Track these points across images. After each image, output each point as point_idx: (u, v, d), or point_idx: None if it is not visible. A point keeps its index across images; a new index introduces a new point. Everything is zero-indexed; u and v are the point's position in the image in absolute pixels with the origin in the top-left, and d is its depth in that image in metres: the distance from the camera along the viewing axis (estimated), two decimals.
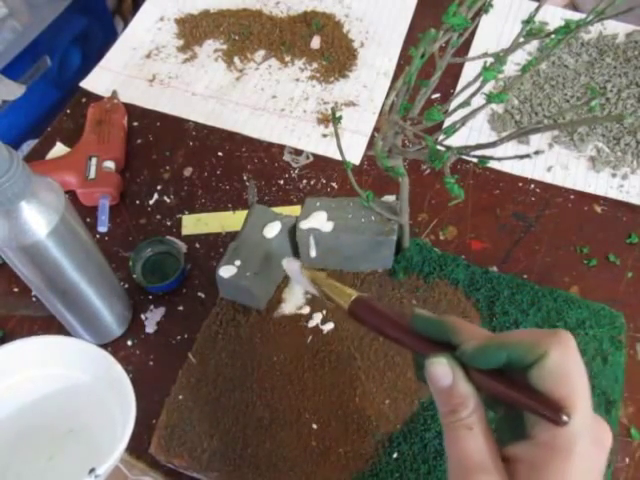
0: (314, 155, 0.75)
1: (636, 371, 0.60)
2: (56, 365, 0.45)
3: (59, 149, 0.74)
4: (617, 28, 0.85)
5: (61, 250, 0.48)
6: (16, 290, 0.65)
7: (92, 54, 0.90)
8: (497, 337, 0.35)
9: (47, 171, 0.69)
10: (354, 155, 0.74)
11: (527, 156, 0.33)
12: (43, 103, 0.90)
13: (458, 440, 0.33)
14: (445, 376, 0.34)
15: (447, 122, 0.46)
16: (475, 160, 0.40)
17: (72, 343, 0.44)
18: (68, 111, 0.79)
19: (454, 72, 0.80)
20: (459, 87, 0.79)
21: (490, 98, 0.38)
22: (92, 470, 0.39)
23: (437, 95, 0.79)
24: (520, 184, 0.72)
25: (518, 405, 0.33)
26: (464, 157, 0.40)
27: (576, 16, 0.87)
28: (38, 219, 0.45)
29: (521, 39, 0.40)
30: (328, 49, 0.84)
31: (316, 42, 0.84)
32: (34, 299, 0.64)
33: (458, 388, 0.34)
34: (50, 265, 0.49)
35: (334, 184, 0.72)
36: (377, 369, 0.57)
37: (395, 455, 0.53)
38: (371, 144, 0.76)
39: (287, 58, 0.84)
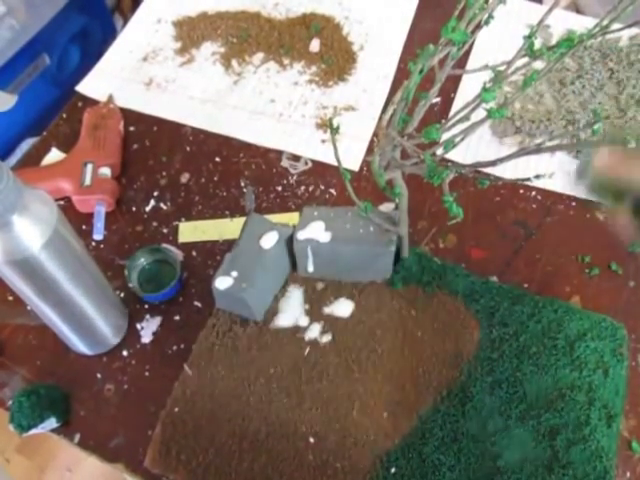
0: (313, 161, 0.74)
1: (638, 383, 0.59)
2: None
3: (54, 155, 0.73)
4: (620, 31, 0.83)
5: (54, 263, 0.48)
6: (10, 299, 0.65)
7: (91, 52, 0.89)
8: None
9: (42, 178, 0.69)
10: (353, 161, 0.73)
11: (527, 179, 0.33)
12: (42, 101, 0.89)
13: None
14: None
15: (447, 135, 0.45)
16: (477, 169, 0.39)
17: None
18: (64, 115, 0.78)
19: (454, 77, 0.79)
20: (458, 95, 0.78)
21: (490, 113, 0.37)
22: None
23: (437, 100, 0.78)
24: (521, 191, 0.71)
25: None
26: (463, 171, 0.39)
27: (579, 19, 0.86)
28: (30, 232, 0.45)
29: (522, 52, 0.39)
30: (327, 52, 0.83)
31: (315, 45, 0.83)
32: (29, 307, 0.64)
33: None
34: (43, 278, 0.48)
35: (333, 191, 0.71)
36: (375, 382, 0.56)
37: (393, 470, 0.52)
38: (370, 149, 0.75)
39: (286, 61, 0.83)
